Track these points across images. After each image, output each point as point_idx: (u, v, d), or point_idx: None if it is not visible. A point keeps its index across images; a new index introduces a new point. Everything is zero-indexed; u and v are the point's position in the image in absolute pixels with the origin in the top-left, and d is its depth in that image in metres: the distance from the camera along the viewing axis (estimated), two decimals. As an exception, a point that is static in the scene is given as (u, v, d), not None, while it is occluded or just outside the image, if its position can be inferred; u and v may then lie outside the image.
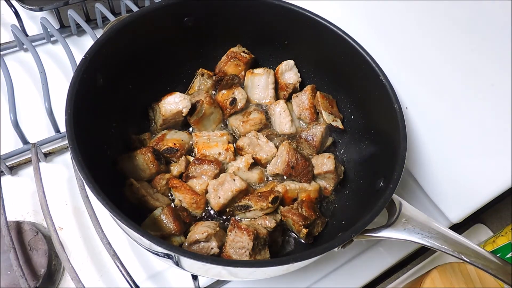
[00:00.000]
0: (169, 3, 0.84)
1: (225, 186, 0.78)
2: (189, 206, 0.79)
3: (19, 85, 0.88)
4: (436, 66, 0.83)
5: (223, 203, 0.78)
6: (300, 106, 0.94)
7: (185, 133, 0.88)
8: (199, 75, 0.94)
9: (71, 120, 0.64)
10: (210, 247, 0.72)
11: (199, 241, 0.71)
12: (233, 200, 0.79)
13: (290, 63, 0.96)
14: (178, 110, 0.84)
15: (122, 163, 0.79)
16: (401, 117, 0.75)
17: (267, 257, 0.72)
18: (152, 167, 0.79)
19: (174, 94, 0.85)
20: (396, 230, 0.65)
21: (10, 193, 0.83)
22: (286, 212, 0.79)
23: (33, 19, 1.11)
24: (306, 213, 0.79)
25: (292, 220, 0.78)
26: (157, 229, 0.72)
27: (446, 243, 0.62)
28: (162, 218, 0.72)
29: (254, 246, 0.70)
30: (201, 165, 0.81)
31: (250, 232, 0.70)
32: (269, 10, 0.89)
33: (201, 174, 0.81)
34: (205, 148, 0.85)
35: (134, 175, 0.79)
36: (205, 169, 0.81)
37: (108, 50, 0.75)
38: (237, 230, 0.71)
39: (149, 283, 0.78)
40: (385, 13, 0.89)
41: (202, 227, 0.73)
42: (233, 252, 0.70)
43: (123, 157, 0.80)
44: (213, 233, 0.71)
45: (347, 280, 0.84)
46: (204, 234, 0.71)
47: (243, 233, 0.70)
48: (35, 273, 0.73)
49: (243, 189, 0.79)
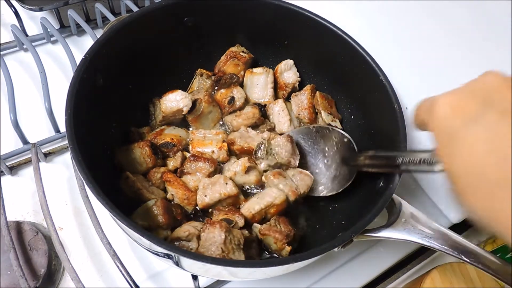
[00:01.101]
0: (169, 3, 0.84)
1: (215, 187, 0.78)
2: (180, 201, 0.79)
3: (19, 85, 0.88)
4: (436, 66, 0.83)
5: (207, 202, 0.77)
6: (299, 106, 0.94)
7: (183, 130, 0.89)
8: (198, 75, 0.94)
9: (71, 120, 0.64)
10: (190, 247, 0.71)
11: (180, 239, 0.71)
12: (220, 202, 0.79)
13: (289, 62, 0.96)
14: (179, 108, 0.84)
15: (120, 156, 0.79)
16: (401, 117, 0.74)
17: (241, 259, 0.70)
18: (149, 161, 0.80)
19: (176, 92, 0.85)
20: (396, 230, 0.65)
21: (10, 193, 0.83)
22: (266, 230, 0.74)
23: (33, 19, 1.11)
24: (285, 229, 0.75)
25: (274, 238, 0.73)
26: (146, 219, 0.72)
27: (446, 243, 0.62)
28: (154, 210, 0.73)
29: (226, 240, 0.68)
30: (197, 162, 0.81)
31: (222, 224, 0.69)
32: (269, 10, 0.89)
33: (195, 171, 0.81)
34: (199, 145, 0.85)
35: (131, 168, 0.79)
36: (200, 166, 0.81)
37: (108, 50, 0.75)
38: (209, 227, 0.69)
39: (149, 283, 0.78)
40: (385, 13, 0.89)
41: (187, 225, 0.73)
42: (204, 251, 0.68)
43: (121, 150, 0.80)
44: (196, 234, 0.71)
45: (347, 280, 0.84)
46: (186, 233, 0.71)
47: (215, 227, 0.69)
48: (35, 273, 0.73)
49: (232, 195, 0.78)
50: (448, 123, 0.46)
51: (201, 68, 0.95)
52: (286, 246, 0.74)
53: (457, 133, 0.44)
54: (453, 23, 0.77)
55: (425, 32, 0.83)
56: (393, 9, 0.86)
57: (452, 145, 0.45)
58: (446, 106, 0.47)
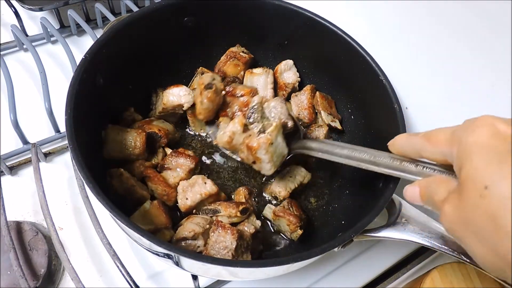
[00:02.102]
0: (169, 3, 0.84)
1: (195, 188, 0.78)
2: (160, 197, 0.79)
3: (19, 85, 0.88)
4: (436, 66, 0.83)
5: (190, 205, 0.77)
6: (299, 106, 0.94)
7: (171, 126, 0.88)
8: (198, 73, 0.94)
9: (71, 120, 0.64)
10: (197, 245, 0.72)
11: (187, 238, 0.71)
12: (202, 203, 0.78)
13: (289, 62, 0.96)
14: (180, 104, 0.85)
15: (110, 132, 0.78)
16: (401, 117, 0.75)
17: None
18: (139, 148, 0.78)
19: (180, 87, 0.85)
20: (396, 230, 0.65)
21: (10, 193, 0.83)
22: (280, 212, 0.77)
23: (33, 19, 1.11)
24: (297, 213, 0.78)
25: (288, 221, 0.76)
26: (148, 222, 0.72)
27: (446, 243, 0.62)
28: (153, 212, 0.73)
29: (237, 246, 0.69)
30: (178, 157, 0.81)
31: (235, 231, 0.69)
32: (269, 10, 0.89)
33: (176, 167, 0.81)
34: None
35: (114, 148, 0.78)
36: (181, 162, 0.81)
37: (108, 50, 0.75)
38: (220, 230, 0.70)
39: (149, 283, 0.78)
40: (385, 13, 0.89)
41: (191, 224, 0.73)
42: (214, 253, 0.69)
43: (114, 128, 0.79)
44: (201, 232, 0.71)
45: (347, 280, 0.84)
46: (191, 233, 0.71)
47: (227, 233, 0.69)
48: (35, 273, 0.73)
49: (213, 194, 0.78)
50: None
51: (201, 67, 0.95)
52: (298, 229, 0.76)
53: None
54: (453, 23, 0.77)
55: (425, 32, 0.83)
56: (393, 9, 0.86)
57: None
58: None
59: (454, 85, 0.81)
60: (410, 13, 0.83)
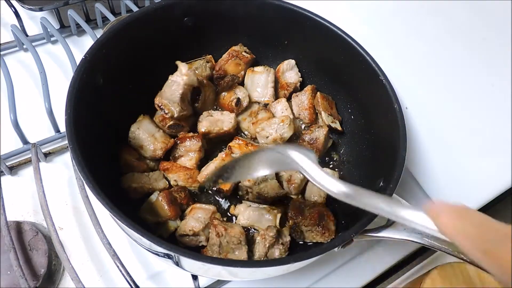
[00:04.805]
0: (169, 3, 0.84)
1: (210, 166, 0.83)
2: (185, 182, 0.81)
3: (19, 85, 0.88)
4: (436, 66, 0.83)
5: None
6: (299, 106, 0.94)
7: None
8: (204, 60, 0.95)
9: (71, 120, 0.64)
10: (199, 241, 0.75)
11: (188, 235, 0.74)
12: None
13: (291, 62, 0.96)
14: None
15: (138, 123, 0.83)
16: (401, 117, 0.75)
17: (242, 258, 0.72)
18: (160, 142, 0.83)
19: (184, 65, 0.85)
20: (396, 230, 0.65)
21: (10, 193, 0.83)
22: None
23: (33, 19, 1.11)
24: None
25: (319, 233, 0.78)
26: (154, 214, 0.75)
27: (446, 243, 0.62)
28: (158, 203, 0.75)
29: (222, 243, 0.72)
30: (183, 143, 0.84)
31: (217, 229, 0.72)
32: (269, 10, 0.89)
33: (186, 152, 0.84)
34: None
35: (138, 138, 0.82)
36: (188, 145, 0.84)
37: (108, 50, 0.75)
38: (212, 229, 0.74)
39: (149, 283, 0.78)
40: (385, 13, 0.89)
41: (191, 221, 0.75)
42: (211, 253, 0.73)
43: (143, 119, 0.84)
44: (201, 229, 0.74)
45: (347, 280, 0.84)
46: (191, 231, 0.74)
47: (213, 231, 0.73)
48: (35, 273, 0.73)
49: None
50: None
51: (211, 55, 0.97)
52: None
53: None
54: (453, 23, 0.77)
55: (425, 32, 0.83)
56: (393, 9, 0.86)
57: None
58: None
59: (454, 85, 0.81)
60: (410, 13, 0.83)
